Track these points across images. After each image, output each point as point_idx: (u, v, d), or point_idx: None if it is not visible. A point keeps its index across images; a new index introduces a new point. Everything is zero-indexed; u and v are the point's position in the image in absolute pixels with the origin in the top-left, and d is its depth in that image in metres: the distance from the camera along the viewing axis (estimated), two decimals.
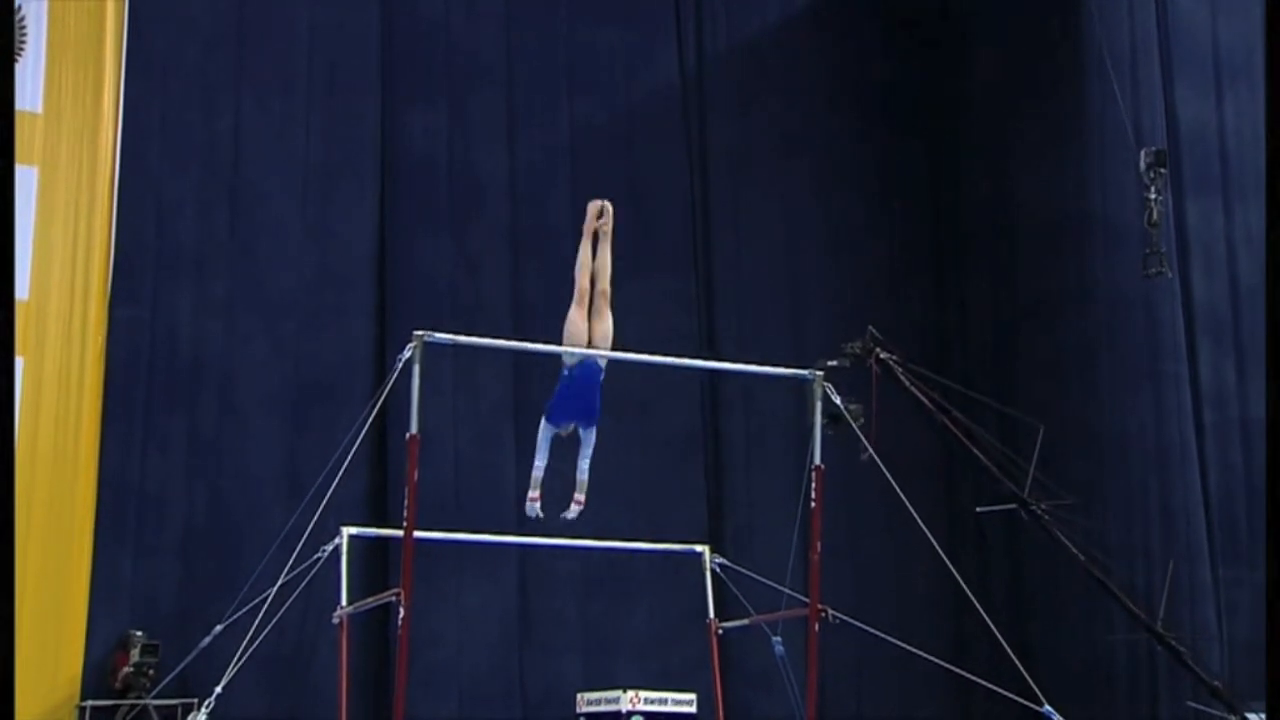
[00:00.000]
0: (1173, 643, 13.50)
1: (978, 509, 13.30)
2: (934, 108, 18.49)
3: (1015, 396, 16.65)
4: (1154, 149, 14.60)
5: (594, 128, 16.96)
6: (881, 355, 12.51)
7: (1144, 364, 15.60)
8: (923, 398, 12.79)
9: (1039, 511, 13.40)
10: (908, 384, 12.60)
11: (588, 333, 9.02)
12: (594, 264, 9.12)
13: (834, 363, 11.75)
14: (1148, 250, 14.42)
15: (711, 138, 17.61)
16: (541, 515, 9.00)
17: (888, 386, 13.40)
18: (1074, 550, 13.38)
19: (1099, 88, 16.11)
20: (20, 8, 13.89)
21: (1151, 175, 14.24)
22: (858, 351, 12.70)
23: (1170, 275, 14.80)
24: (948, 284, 18.25)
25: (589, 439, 9.02)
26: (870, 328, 13.21)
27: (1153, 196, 14.20)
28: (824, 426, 13.70)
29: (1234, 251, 15.92)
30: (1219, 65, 16.41)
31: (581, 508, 9.04)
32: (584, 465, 9.07)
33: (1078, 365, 16.03)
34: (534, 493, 9.00)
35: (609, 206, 9.24)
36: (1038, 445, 13.09)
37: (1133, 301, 15.73)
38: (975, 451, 13.34)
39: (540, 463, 8.97)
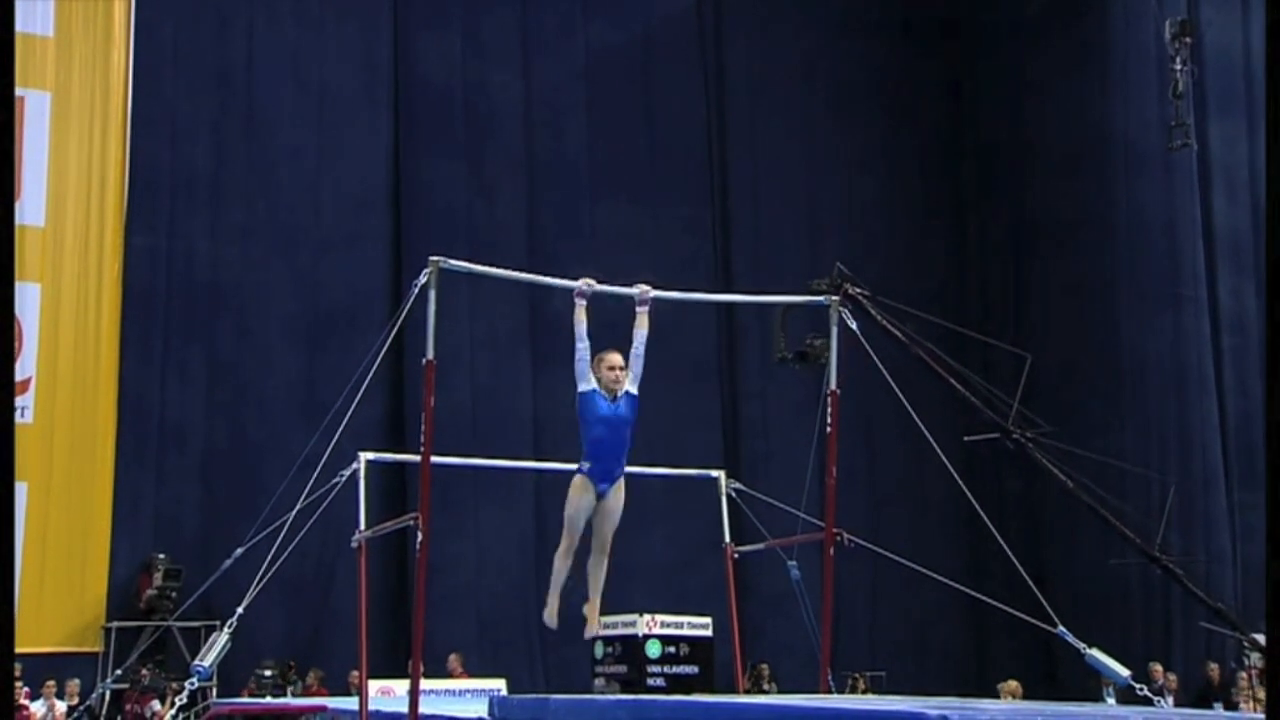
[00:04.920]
0: (1170, 565, 13.56)
1: (965, 438, 13.31)
2: (954, 30, 18.23)
3: (1033, 321, 16.62)
4: (1179, 19, 14.38)
5: (609, 52, 16.78)
6: (850, 290, 12.35)
7: (1164, 289, 15.52)
8: (896, 331, 12.69)
9: (1022, 440, 13.45)
10: (878, 318, 12.46)
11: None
12: None
13: (800, 301, 11.66)
14: (1173, 123, 14.27)
15: (728, 63, 17.41)
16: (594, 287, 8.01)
17: (908, 321, 13.36)
18: (1061, 476, 13.43)
19: (1122, 10, 15.86)
20: None
21: (1176, 45, 14.06)
22: (824, 287, 12.59)
23: (1193, 146, 14.67)
24: (967, 209, 18.12)
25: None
26: (838, 263, 13.13)
27: (1178, 67, 14.04)
28: (790, 362, 13.68)
29: (1256, 175, 15.74)
30: None
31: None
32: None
33: (1097, 290, 15.96)
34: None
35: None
36: (1024, 375, 13.09)
37: (1153, 226, 15.61)
38: (953, 382, 13.32)
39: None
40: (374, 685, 11.42)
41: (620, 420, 7.96)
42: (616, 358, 7.86)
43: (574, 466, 10.95)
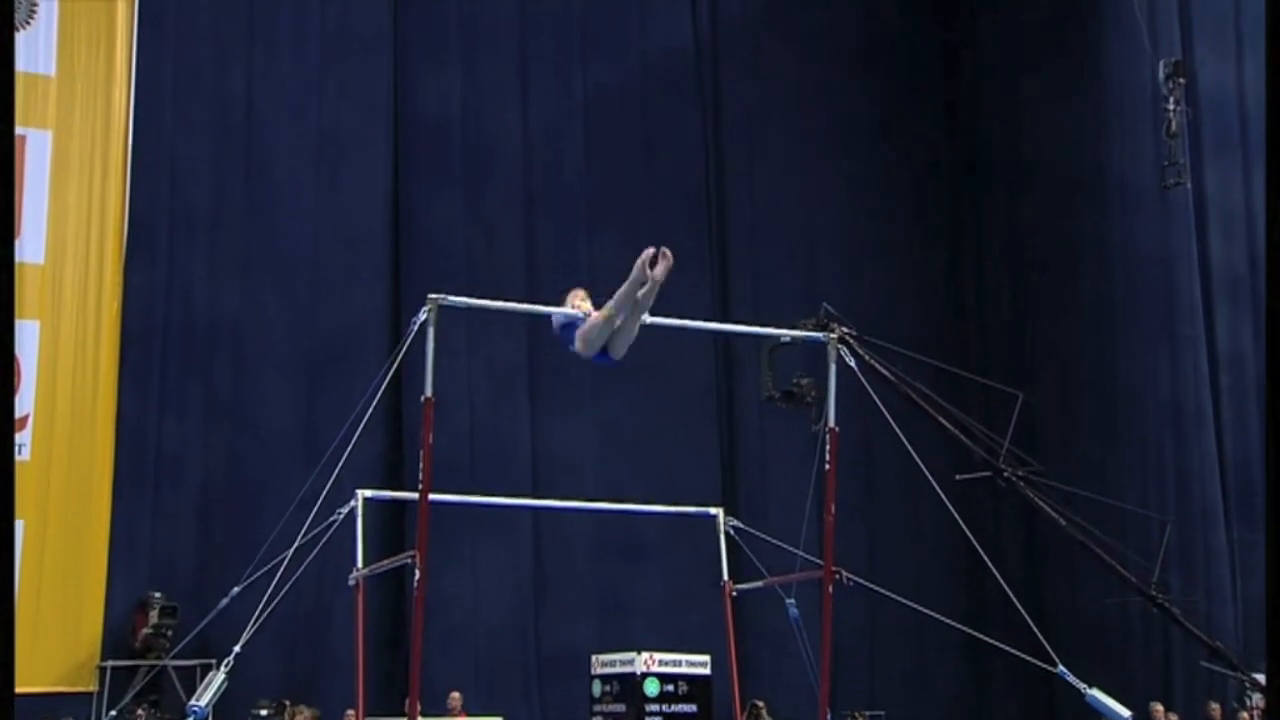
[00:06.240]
0: (1165, 604, 13.52)
1: (957, 476, 13.33)
2: (950, 64, 18.36)
3: (1031, 358, 16.63)
4: (1173, 60, 14.51)
5: (607, 88, 16.87)
6: (838, 331, 12.37)
7: (1161, 326, 15.55)
8: (884, 370, 12.70)
9: (1013, 478, 13.46)
10: (866, 358, 12.49)
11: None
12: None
13: (786, 339, 11.66)
14: (1166, 162, 14.38)
15: (725, 98, 17.50)
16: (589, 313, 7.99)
17: (900, 359, 13.40)
18: (1054, 515, 13.42)
19: (1117, 45, 15.97)
20: None
21: (1170, 86, 14.19)
22: (811, 327, 12.62)
23: (1187, 186, 14.76)
24: (964, 243, 18.18)
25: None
26: (825, 304, 13.18)
27: (1171, 107, 14.16)
28: (777, 402, 13.69)
29: (1252, 214, 15.81)
30: (1240, 24, 16.24)
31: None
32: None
33: (1094, 327, 15.99)
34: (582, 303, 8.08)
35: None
36: (1015, 413, 13.12)
37: (1149, 263, 15.66)
38: (943, 421, 13.34)
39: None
40: None
41: None
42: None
43: (572, 504, 10.79)
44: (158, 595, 13.40)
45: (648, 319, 8.04)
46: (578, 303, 8.18)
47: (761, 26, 17.73)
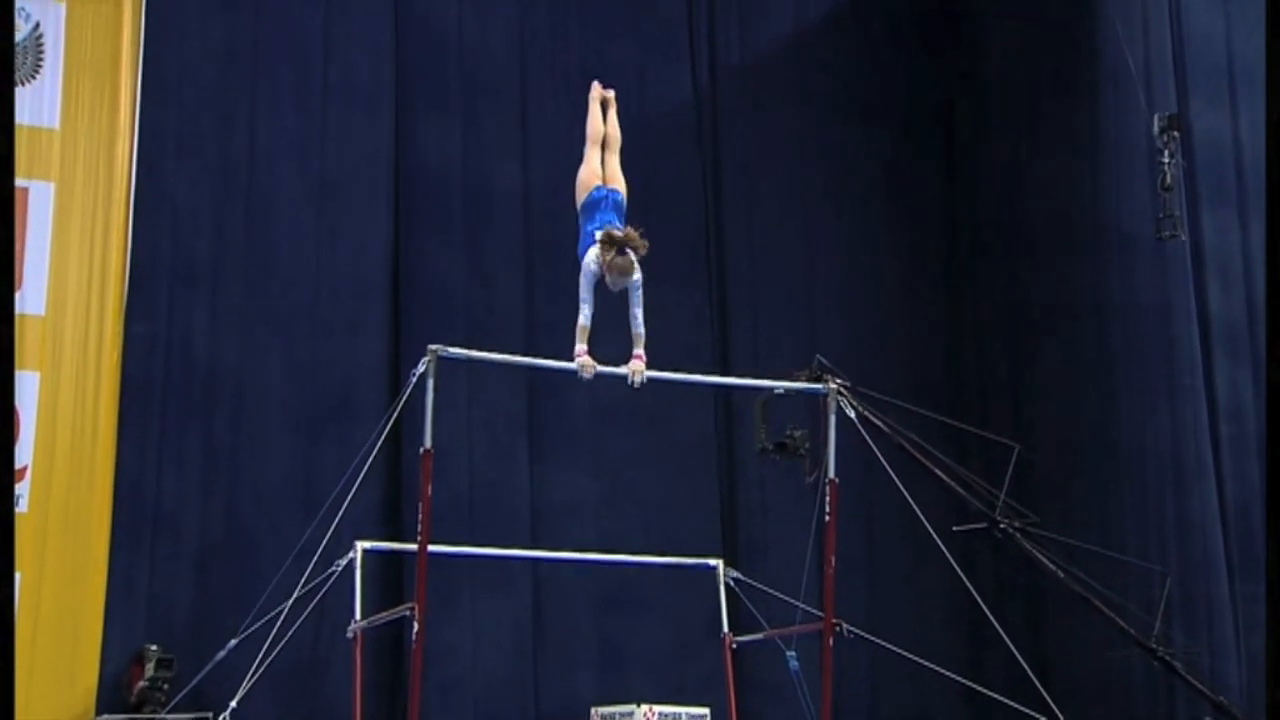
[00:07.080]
0: (1166, 657, 13.45)
1: (954, 528, 13.29)
2: (948, 118, 18.50)
3: (1031, 410, 16.64)
4: (1167, 114, 14.64)
5: None
6: (833, 383, 12.37)
7: (1160, 378, 15.55)
8: (878, 423, 12.71)
9: (1009, 530, 13.46)
10: (859, 408, 12.50)
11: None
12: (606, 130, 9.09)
13: (780, 390, 11.67)
14: (1161, 214, 14.47)
15: (725, 151, 17.62)
16: (596, 370, 8.39)
17: (896, 410, 13.42)
18: (1051, 567, 13.39)
19: (1113, 100, 16.10)
20: (38, 27, 14.00)
21: (1165, 139, 14.33)
22: (804, 378, 12.63)
23: (1183, 238, 14.85)
24: (963, 295, 18.23)
25: (635, 287, 8.58)
26: (818, 355, 13.22)
27: (1166, 160, 14.29)
28: (769, 453, 13.70)
29: (1250, 265, 15.85)
30: (1234, 77, 16.38)
31: (644, 363, 8.52)
32: (637, 314, 8.60)
33: (1093, 379, 16.00)
34: (580, 347, 8.52)
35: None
36: (1011, 464, 13.13)
37: (1148, 315, 15.70)
38: (938, 473, 13.35)
39: (587, 310, 8.53)
40: None
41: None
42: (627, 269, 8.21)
43: (572, 555, 10.67)
44: (154, 648, 13.31)
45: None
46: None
47: (761, 79, 17.88)
